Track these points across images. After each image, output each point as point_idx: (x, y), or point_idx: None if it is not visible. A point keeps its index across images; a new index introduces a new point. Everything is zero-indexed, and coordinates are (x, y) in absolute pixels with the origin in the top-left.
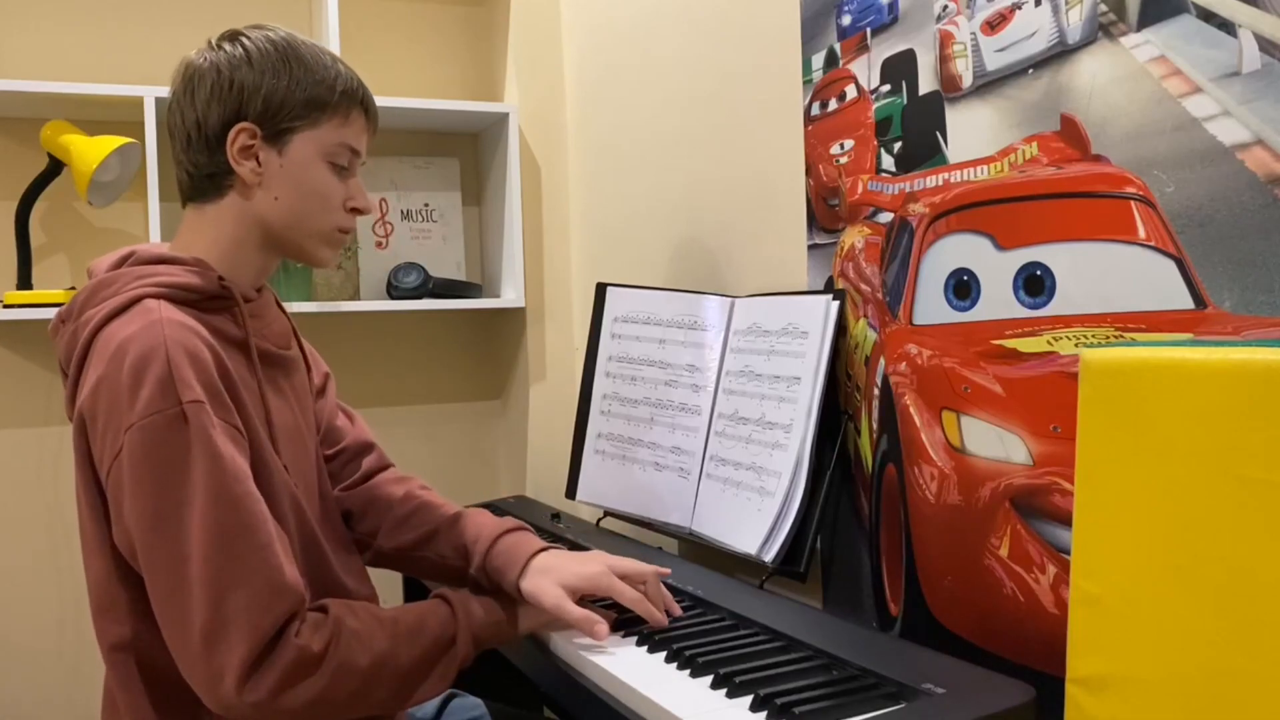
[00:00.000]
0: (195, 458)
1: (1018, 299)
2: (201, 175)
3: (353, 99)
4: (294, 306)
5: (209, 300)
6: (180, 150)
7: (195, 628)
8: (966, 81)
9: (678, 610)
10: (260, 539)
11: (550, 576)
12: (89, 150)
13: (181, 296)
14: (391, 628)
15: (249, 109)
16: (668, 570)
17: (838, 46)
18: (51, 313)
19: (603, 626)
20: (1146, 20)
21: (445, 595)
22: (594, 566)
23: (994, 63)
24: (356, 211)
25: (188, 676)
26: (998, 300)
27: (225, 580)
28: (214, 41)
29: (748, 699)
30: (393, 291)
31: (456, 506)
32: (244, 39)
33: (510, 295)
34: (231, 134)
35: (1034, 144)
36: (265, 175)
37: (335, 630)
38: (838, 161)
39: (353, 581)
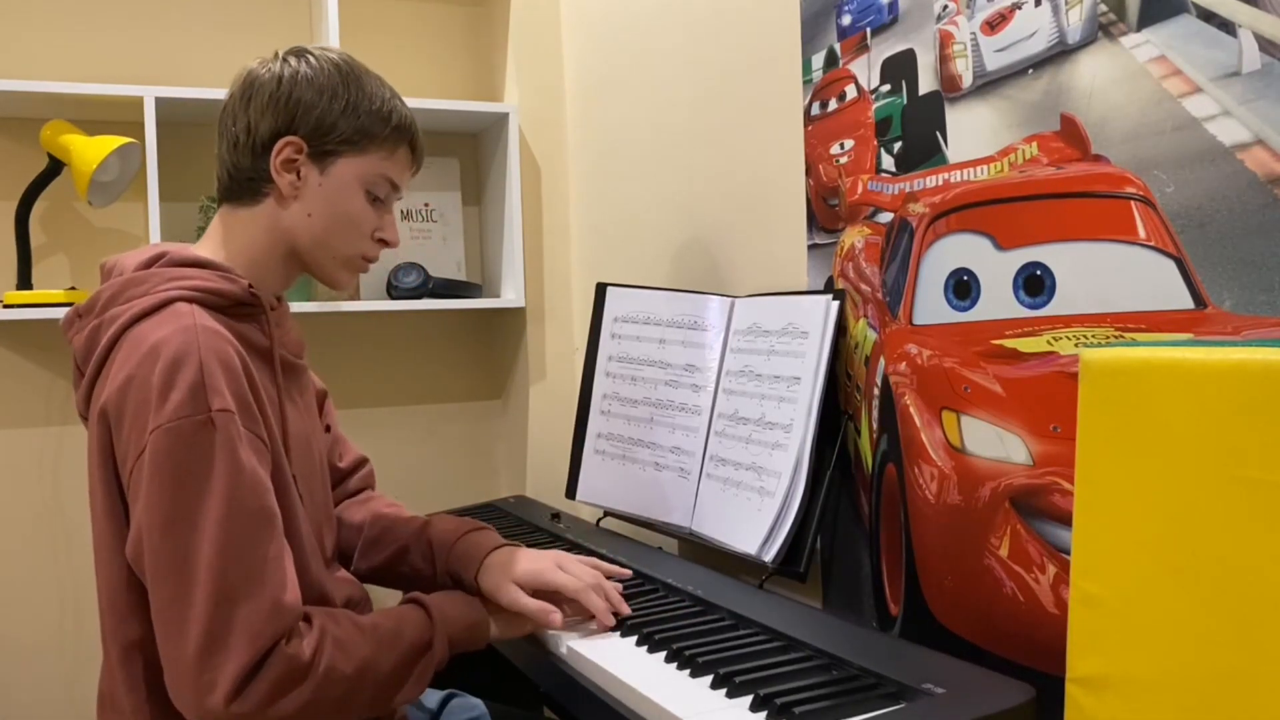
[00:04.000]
0: (217, 466)
1: (1018, 299)
2: (242, 178)
3: (403, 135)
4: (294, 306)
5: (237, 307)
6: (225, 151)
7: (191, 638)
8: (966, 81)
9: (626, 610)
10: (270, 554)
11: (503, 573)
12: (89, 150)
13: (213, 302)
14: (372, 633)
15: (300, 124)
16: (627, 572)
17: (838, 46)
18: (52, 313)
19: (556, 615)
20: (1146, 20)
21: (419, 600)
22: (542, 562)
23: (994, 63)
24: (384, 243)
25: (174, 684)
26: (998, 300)
27: (230, 593)
28: (280, 54)
29: (748, 699)
30: (393, 291)
31: (422, 518)
32: (309, 56)
33: (510, 295)
34: (278, 145)
35: (1034, 144)
36: (303, 190)
37: (321, 638)
38: (838, 161)
39: (344, 590)
